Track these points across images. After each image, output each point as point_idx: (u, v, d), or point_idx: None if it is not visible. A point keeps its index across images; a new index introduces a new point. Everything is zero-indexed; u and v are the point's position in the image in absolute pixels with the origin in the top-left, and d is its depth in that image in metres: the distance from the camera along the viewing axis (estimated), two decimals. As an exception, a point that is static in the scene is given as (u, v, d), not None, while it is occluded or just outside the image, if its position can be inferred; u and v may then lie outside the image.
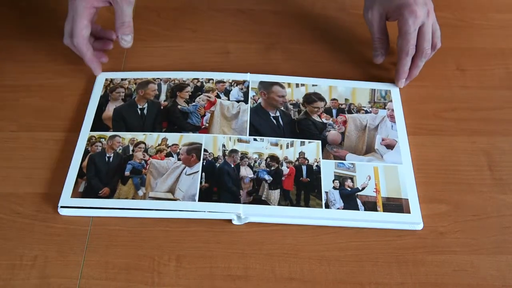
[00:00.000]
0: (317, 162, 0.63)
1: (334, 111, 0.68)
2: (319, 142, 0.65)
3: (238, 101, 0.69)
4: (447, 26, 0.81)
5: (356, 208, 0.59)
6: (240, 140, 0.65)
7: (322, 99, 0.69)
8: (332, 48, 0.78)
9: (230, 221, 0.59)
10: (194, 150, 0.64)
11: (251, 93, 0.70)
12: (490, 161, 0.65)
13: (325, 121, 0.67)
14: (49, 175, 0.63)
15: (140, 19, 0.81)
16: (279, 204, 0.59)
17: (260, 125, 0.67)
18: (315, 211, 0.59)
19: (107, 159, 0.63)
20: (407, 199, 0.59)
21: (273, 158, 0.63)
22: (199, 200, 0.59)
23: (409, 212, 0.58)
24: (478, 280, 0.55)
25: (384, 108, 0.68)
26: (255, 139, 0.65)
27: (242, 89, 0.71)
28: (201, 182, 0.61)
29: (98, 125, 0.66)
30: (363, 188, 0.61)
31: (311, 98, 0.70)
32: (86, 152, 0.63)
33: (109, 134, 0.65)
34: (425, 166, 0.64)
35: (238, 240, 0.58)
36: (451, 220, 0.60)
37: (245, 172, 0.62)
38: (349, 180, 0.61)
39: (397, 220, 0.58)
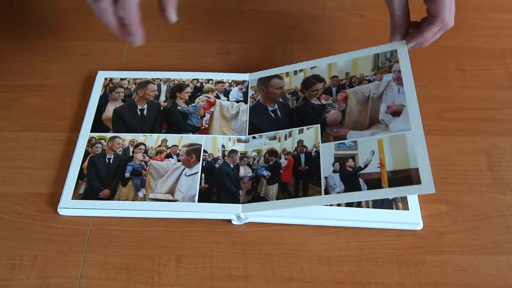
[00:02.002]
0: (316, 148, 0.61)
1: (333, 90, 0.65)
2: (318, 126, 0.62)
3: (237, 101, 0.69)
4: (447, 26, 0.81)
5: (358, 188, 0.56)
6: (239, 141, 0.65)
7: (320, 80, 0.67)
8: (332, 48, 0.78)
9: (230, 221, 0.59)
10: (194, 151, 0.64)
11: (250, 92, 0.70)
12: (490, 161, 0.65)
13: (324, 102, 0.64)
14: (49, 175, 0.63)
15: (140, 19, 0.81)
16: (277, 198, 0.59)
17: (259, 121, 0.66)
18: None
19: (107, 160, 0.63)
20: (417, 168, 0.54)
21: (272, 152, 0.63)
22: (198, 201, 0.59)
23: (419, 182, 0.53)
24: (478, 280, 0.55)
25: (390, 72, 0.63)
26: (254, 137, 0.65)
27: (241, 89, 0.71)
28: (200, 183, 0.61)
29: (98, 126, 0.66)
30: (366, 166, 0.57)
31: (309, 81, 0.67)
32: (86, 153, 0.64)
33: (109, 135, 0.65)
34: (425, 166, 0.64)
35: (238, 240, 0.58)
36: (451, 220, 0.60)
37: (245, 172, 0.62)
38: (350, 160, 0.58)
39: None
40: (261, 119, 0.66)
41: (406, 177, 0.54)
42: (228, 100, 0.70)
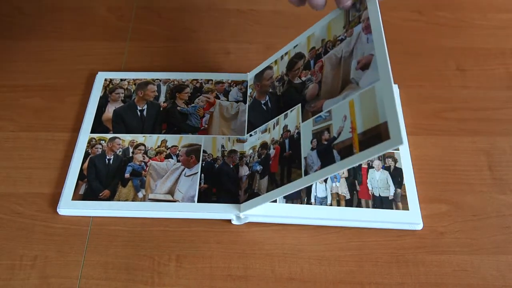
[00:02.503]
0: (298, 129, 0.58)
1: (312, 62, 0.61)
2: (299, 105, 0.59)
3: (237, 102, 0.69)
4: (447, 26, 0.81)
5: (332, 161, 0.51)
6: (239, 141, 0.65)
7: (301, 56, 0.63)
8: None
9: (230, 221, 0.59)
10: (194, 151, 0.64)
11: (249, 92, 0.70)
12: (490, 161, 0.65)
13: (304, 78, 0.61)
14: (49, 175, 0.63)
15: (140, 19, 0.81)
16: (267, 190, 0.57)
17: (255, 118, 0.66)
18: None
19: (107, 161, 0.63)
20: (386, 121, 0.47)
21: (264, 145, 0.62)
22: (198, 201, 0.59)
23: (388, 137, 0.46)
24: (478, 280, 0.55)
25: (360, 22, 0.56)
26: (250, 135, 0.65)
27: (241, 89, 0.71)
28: (200, 183, 0.61)
29: (98, 126, 0.66)
30: (339, 134, 0.52)
31: (292, 62, 0.64)
32: (86, 154, 0.64)
33: (109, 136, 0.65)
34: (425, 166, 0.64)
35: (238, 240, 0.58)
36: (451, 220, 0.60)
37: (243, 171, 0.62)
38: (325, 133, 0.54)
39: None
40: (256, 115, 0.66)
41: (376, 135, 0.48)
42: (228, 100, 0.70)
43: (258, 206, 0.57)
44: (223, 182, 0.61)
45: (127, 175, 0.62)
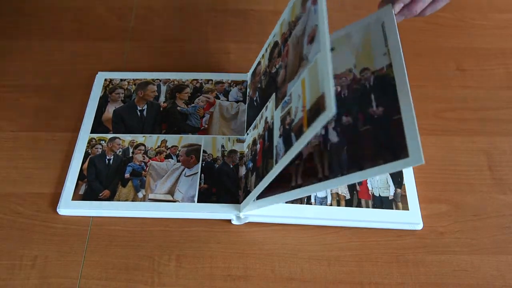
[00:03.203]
0: (272, 119, 0.55)
1: (282, 47, 0.59)
2: (273, 94, 0.57)
3: (237, 102, 0.69)
4: (447, 26, 0.81)
5: (290, 144, 0.48)
6: (239, 141, 0.65)
7: (276, 44, 0.61)
8: (332, 48, 0.78)
9: (230, 221, 0.59)
10: (194, 151, 0.64)
11: (248, 91, 0.70)
12: (490, 161, 0.65)
13: (277, 66, 0.58)
14: (49, 175, 0.63)
15: (140, 19, 0.81)
16: (255, 186, 0.56)
17: (251, 116, 0.66)
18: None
19: (107, 161, 0.63)
20: (323, 93, 0.44)
21: (254, 142, 0.61)
22: (198, 201, 0.59)
23: (324, 109, 0.43)
24: (478, 280, 0.55)
25: None
26: (247, 134, 0.65)
27: (241, 89, 0.71)
28: (200, 183, 0.61)
29: (98, 126, 0.66)
30: (296, 115, 0.50)
31: (271, 52, 0.62)
32: (86, 154, 0.64)
33: (109, 136, 0.65)
34: (425, 166, 0.63)
35: (238, 240, 0.58)
36: (451, 220, 0.60)
37: (243, 171, 0.62)
38: (287, 117, 0.51)
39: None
40: (251, 113, 0.66)
41: (317, 109, 0.45)
42: (228, 100, 0.70)
43: (257, 206, 0.57)
44: (223, 182, 0.61)
45: (127, 175, 0.62)
